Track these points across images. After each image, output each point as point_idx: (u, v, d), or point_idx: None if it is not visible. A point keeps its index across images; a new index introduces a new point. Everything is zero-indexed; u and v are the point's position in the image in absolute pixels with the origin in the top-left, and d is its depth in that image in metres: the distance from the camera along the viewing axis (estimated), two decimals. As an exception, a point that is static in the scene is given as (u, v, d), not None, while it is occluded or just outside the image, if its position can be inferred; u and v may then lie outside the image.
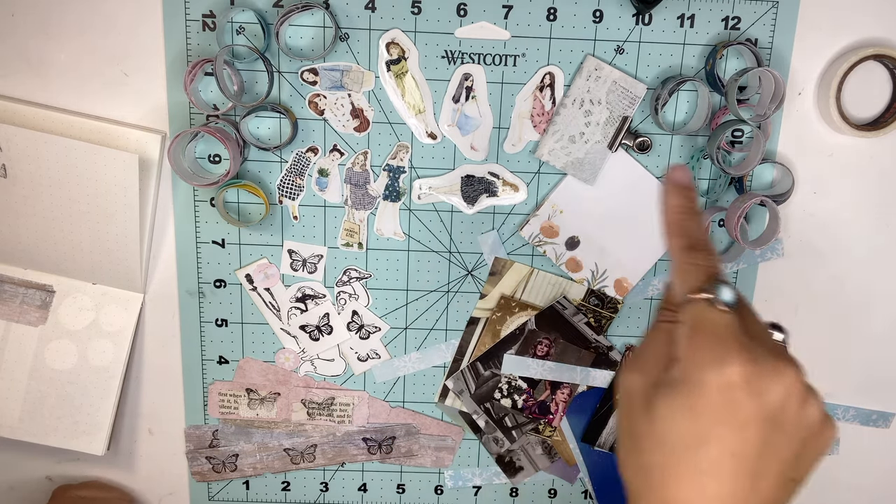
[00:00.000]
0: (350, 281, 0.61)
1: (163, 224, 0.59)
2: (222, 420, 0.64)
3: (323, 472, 0.66)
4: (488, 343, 0.62)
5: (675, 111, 0.58)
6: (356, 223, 0.60)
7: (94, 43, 0.56)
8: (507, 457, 0.65)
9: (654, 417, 0.37)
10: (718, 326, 0.36)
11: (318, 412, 0.64)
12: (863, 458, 0.66)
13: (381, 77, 0.57)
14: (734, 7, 0.56)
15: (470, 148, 0.58)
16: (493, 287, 0.61)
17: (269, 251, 0.60)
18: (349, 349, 0.63)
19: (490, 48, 0.56)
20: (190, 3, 0.55)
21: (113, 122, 0.56)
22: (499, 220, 0.60)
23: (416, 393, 0.64)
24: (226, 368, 0.63)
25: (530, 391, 0.63)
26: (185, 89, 0.54)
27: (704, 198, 0.60)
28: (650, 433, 0.38)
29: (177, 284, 0.61)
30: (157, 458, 0.65)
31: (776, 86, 0.54)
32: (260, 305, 0.61)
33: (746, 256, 0.61)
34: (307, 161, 0.58)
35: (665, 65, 0.57)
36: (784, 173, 0.59)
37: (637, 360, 0.40)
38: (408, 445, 0.65)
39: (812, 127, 0.59)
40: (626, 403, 0.40)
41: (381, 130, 0.58)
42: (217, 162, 0.58)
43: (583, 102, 0.57)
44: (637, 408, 0.39)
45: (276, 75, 0.56)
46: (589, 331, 0.62)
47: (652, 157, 0.59)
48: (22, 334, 0.61)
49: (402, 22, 0.56)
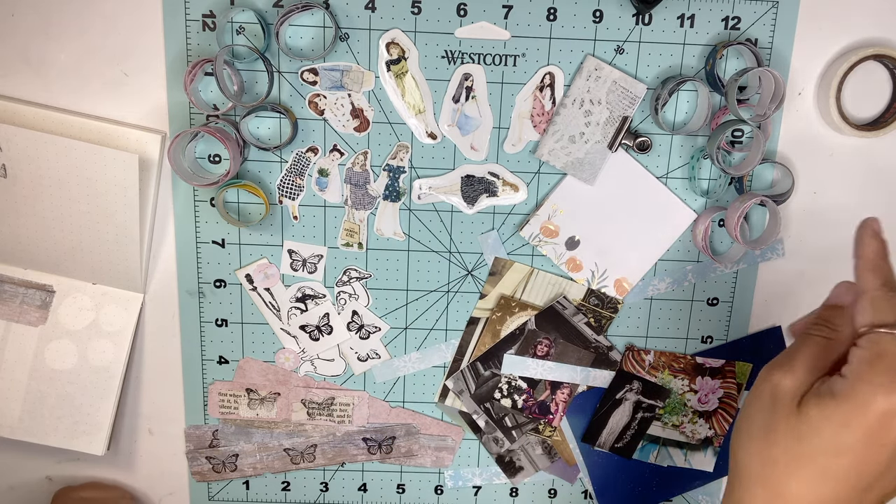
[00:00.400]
0: (350, 281, 0.61)
1: (163, 224, 0.59)
2: (222, 420, 0.64)
3: (323, 472, 0.66)
4: (488, 343, 0.62)
5: (675, 111, 0.58)
6: (356, 223, 0.60)
7: (94, 43, 0.56)
8: (507, 457, 0.65)
9: (802, 419, 0.42)
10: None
11: (318, 412, 0.64)
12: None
13: (381, 77, 0.57)
14: (734, 7, 0.56)
15: (470, 148, 0.58)
16: (493, 287, 0.61)
17: (269, 251, 0.60)
18: (349, 349, 0.63)
19: (490, 48, 0.56)
20: (190, 3, 0.55)
21: (113, 122, 0.56)
22: (499, 220, 0.60)
23: (416, 393, 0.64)
24: (226, 368, 0.63)
25: (530, 391, 0.63)
26: (185, 89, 0.54)
27: (704, 198, 0.60)
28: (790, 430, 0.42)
29: (177, 284, 0.61)
30: (157, 458, 0.65)
31: (776, 86, 0.54)
32: (260, 305, 0.61)
33: (746, 256, 0.61)
34: (307, 161, 0.58)
35: (665, 65, 0.57)
36: (784, 173, 0.59)
37: (788, 361, 0.45)
38: (408, 445, 0.65)
39: (812, 127, 0.59)
40: (770, 398, 0.44)
41: (381, 130, 0.58)
42: (217, 162, 0.58)
43: (583, 102, 0.57)
44: (783, 405, 0.43)
45: (276, 75, 0.56)
46: (589, 331, 0.62)
47: (652, 157, 0.59)
48: (22, 334, 0.61)
49: (402, 22, 0.56)
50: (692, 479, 0.66)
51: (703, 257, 0.61)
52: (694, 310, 0.62)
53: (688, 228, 0.60)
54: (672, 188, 0.60)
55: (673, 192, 0.60)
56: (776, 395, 0.44)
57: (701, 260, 0.61)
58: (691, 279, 0.62)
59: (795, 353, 0.45)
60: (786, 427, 0.43)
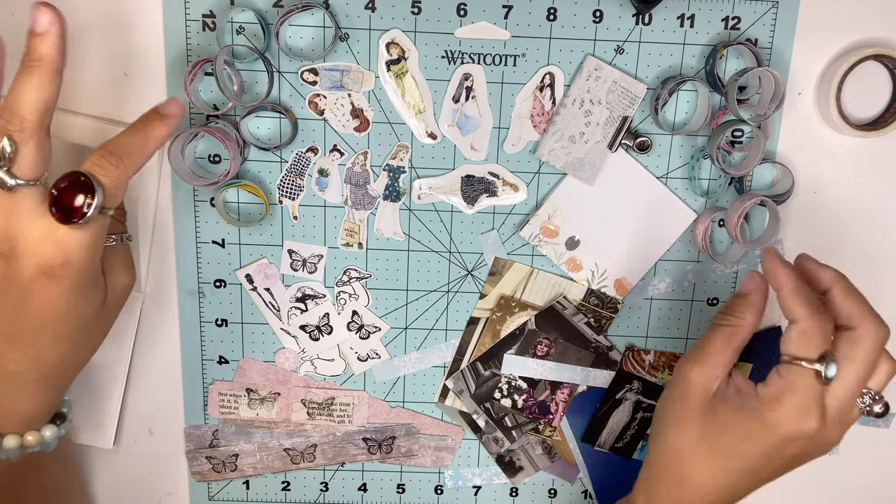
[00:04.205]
0: (350, 281, 0.61)
1: (163, 224, 0.59)
2: (222, 420, 0.64)
3: (323, 472, 0.66)
4: (488, 343, 0.62)
5: (675, 111, 0.58)
6: (356, 223, 0.60)
7: (94, 43, 0.56)
8: (507, 457, 0.65)
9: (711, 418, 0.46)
10: (812, 393, 0.44)
11: (318, 412, 0.64)
12: (863, 458, 0.66)
13: (381, 77, 0.57)
14: (734, 7, 0.56)
15: (470, 148, 0.58)
16: (493, 287, 0.61)
17: (269, 251, 0.60)
18: (349, 349, 0.63)
19: (490, 48, 0.56)
20: (190, 3, 0.55)
21: (113, 122, 0.56)
22: (499, 220, 0.60)
23: (416, 393, 0.64)
24: (226, 368, 0.63)
25: (530, 391, 0.63)
26: (185, 89, 0.54)
27: (704, 198, 0.60)
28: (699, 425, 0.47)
29: (177, 284, 0.61)
30: (157, 458, 0.65)
31: (776, 86, 0.54)
32: (260, 305, 0.61)
33: (746, 256, 0.61)
34: (307, 161, 0.58)
35: (665, 65, 0.57)
36: (784, 173, 0.59)
37: (698, 354, 0.48)
38: (408, 445, 0.65)
39: (812, 127, 0.59)
40: (682, 392, 0.48)
41: (381, 130, 0.58)
42: (217, 162, 0.58)
43: (583, 102, 0.57)
44: (694, 399, 0.47)
45: (276, 75, 0.56)
46: (589, 331, 0.62)
47: (652, 157, 0.59)
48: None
49: (402, 22, 0.56)
50: (692, 479, 0.66)
51: (703, 257, 0.61)
52: (694, 310, 0.62)
53: (688, 228, 0.60)
54: (672, 188, 0.60)
55: (673, 192, 0.60)
56: (687, 390, 0.47)
57: (701, 260, 0.61)
58: (691, 279, 0.62)
59: (704, 344, 0.48)
60: (695, 421, 0.47)
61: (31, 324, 0.44)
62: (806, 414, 0.44)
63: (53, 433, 0.50)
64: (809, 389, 0.44)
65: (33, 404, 0.48)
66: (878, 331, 0.45)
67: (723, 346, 0.47)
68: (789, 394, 0.44)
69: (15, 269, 0.43)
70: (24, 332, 0.44)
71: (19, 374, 0.46)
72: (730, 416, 0.46)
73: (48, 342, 0.45)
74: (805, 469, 0.48)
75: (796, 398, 0.44)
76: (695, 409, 0.47)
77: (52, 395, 0.49)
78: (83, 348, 0.49)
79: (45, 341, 0.45)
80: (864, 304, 0.46)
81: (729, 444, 0.46)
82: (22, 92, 0.42)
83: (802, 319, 0.44)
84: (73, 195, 0.42)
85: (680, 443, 0.47)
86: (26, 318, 0.44)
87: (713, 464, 0.46)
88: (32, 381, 0.46)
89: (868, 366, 0.44)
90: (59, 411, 0.51)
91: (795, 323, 0.45)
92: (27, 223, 0.42)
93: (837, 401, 0.44)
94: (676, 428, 0.48)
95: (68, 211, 0.42)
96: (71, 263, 0.43)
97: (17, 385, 0.46)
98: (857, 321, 0.45)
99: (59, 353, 0.46)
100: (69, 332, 0.46)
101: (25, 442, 0.48)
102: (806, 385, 0.44)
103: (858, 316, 0.45)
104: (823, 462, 0.47)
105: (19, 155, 0.41)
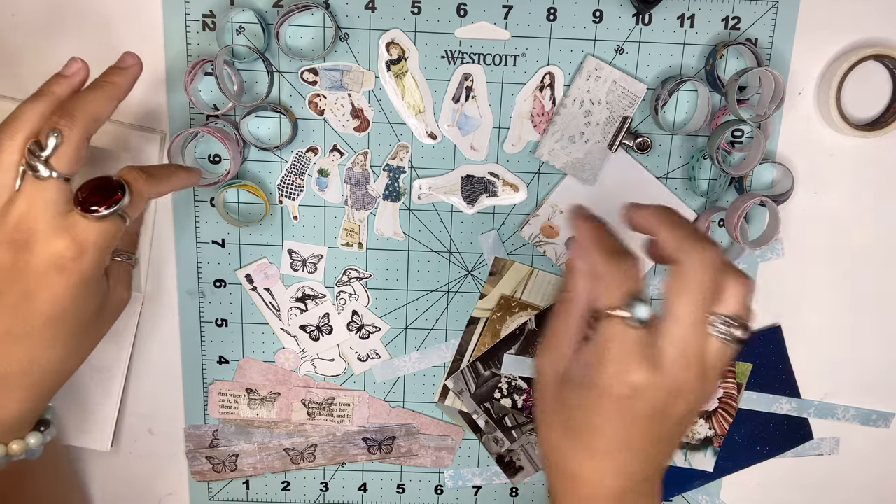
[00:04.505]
0: (350, 281, 0.61)
1: (163, 224, 0.59)
2: (222, 420, 0.64)
3: (323, 472, 0.66)
4: (488, 343, 0.62)
5: (675, 111, 0.58)
6: (356, 223, 0.60)
7: (95, 43, 0.56)
8: (507, 457, 0.65)
9: (562, 403, 0.43)
10: (627, 343, 0.39)
11: (318, 412, 0.64)
12: (863, 458, 0.66)
13: (381, 77, 0.57)
14: (734, 7, 0.56)
15: (470, 148, 0.58)
16: (493, 287, 0.61)
17: (269, 251, 0.60)
18: (349, 349, 0.63)
19: (490, 48, 0.56)
20: (190, 3, 0.55)
21: (113, 122, 0.56)
22: (499, 220, 0.60)
23: (416, 393, 0.64)
24: (226, 368, 0.63)
25: (530, 391, 0.63)
26: (185, 89, 0.54)
27: (704, 198, 0.60)
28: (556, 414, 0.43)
29: (176, 284, 0.61)
30: (157, 458, 0.65)
31: (776, 86, 0.54)
32: (260, 305, 0.61)
33: (746, 256, 0.61)
34: (307, 161, 0.58)
35: (665, 65, 0.57)
36: (784, 173, 0.59)
37: (544, 341, 0.45)
38: (408, 445, 0.65)
39: (812, 127, 0.59)
40: (539, 384, 0.45)
41: (381, 130, 0.58)
42: (217, 162, 0.58)
43: (583, 102, 0.57)
44: (548, 389, 0.44)
45: (276, 75, 0.56)
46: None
47: (652, 157, 0.59)
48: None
49: (402, 22, 0.56)
50: (692, 479, 0.66)
51: (703, 257, 0.61)
52: (694, 310, 0.62)
53: (688, 228, 0.60)
54: (672, 188, 0.60)
55: (673, 192, 0.60)
56: (541, 380, 0.45)
57: (701, 260, 0.61)
58: (691, 279, 0.62)
59: (548, 330, 0.45)
60: (554, 412, 0.44)
61: (32, 321, 0.44)
62: (628, 365, 0.39)
63: (38, 440, 0.48)
64: (624, 338, 0.39)
65: (18, 412, 0.47)
66: (703, 254, 0.40)
67: (562, 322, 0.44)
68: (606, 350, 0.40)
69: (26, 260, 0.43)
70: (22, 331, 0.44)
71: (9, 379, 0.45)
72: (575, 393, 0.42)
73: (46, 344, 0.45)
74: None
75: (612, 352, 0.39)
76: (551, 399, 0.44)
77: (38, 402, 0.48)
78: (75, 354, 0.48)
79: (43, 343, 0.45)
80: (687, 231, 0.41)
81: (582, 424, 0.41)
82: (84, 100, 0.45)
83: (599, 267, 0.41)
84: (104, 188, 0.44)
85: (551, 438, 0.44)
86: (29, 314, 0.44)
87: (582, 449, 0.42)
88: (20, 388, 0.46)
89: (700, 295, 0.39)
90: (43, 417, 0.50)
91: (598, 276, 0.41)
92: (48, 215, 0.43)
93: (675, 340, 0.39)
94: (544, 424, 0.45)
95: (97, 200, 0.44)
96: (83, 259, 0.43)
97: (5, 391, 0.45)
98: (680, 253, 0.40)
99: (52, 358, 0.46)
100: (66, 335, 0.46)
101: (10, 451, 0.47)
102: (616, 334, 0.39)
103: (679, 247, 0.40)
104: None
105: (61, 149, 0.43)
